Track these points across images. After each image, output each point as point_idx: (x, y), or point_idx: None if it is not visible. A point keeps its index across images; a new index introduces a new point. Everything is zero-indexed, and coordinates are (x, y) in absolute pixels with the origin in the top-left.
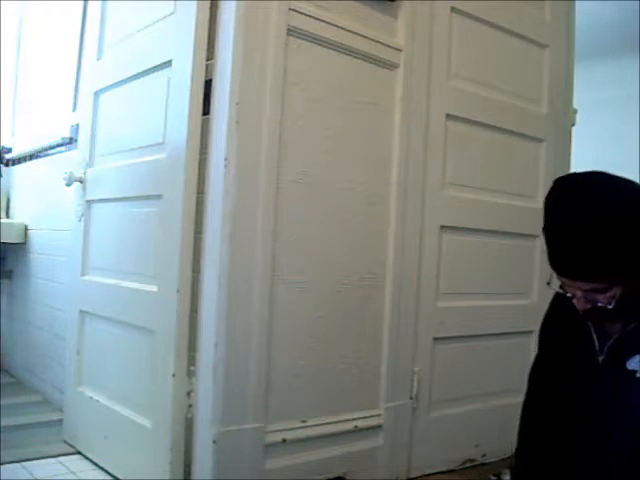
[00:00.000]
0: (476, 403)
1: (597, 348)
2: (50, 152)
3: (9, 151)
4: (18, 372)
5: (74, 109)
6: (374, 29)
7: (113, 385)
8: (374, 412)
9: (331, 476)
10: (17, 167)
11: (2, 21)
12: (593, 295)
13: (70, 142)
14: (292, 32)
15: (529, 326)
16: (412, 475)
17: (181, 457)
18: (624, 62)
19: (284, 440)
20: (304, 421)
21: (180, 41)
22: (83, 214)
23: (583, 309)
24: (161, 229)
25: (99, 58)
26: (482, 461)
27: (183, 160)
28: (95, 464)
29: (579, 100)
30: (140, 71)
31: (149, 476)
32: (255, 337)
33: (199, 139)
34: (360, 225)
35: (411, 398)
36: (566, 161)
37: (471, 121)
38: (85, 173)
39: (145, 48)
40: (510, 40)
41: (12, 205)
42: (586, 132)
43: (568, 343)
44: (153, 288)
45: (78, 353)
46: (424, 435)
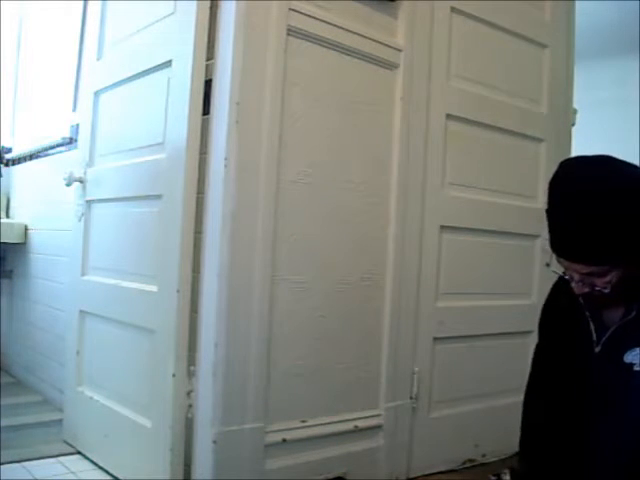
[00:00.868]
0: (476, 403)
1: (594, 339)
2: (50, 152)
3: (9, 151)
4: (18, 372)
5: (74, 109)
6: (374, 29)
7: (113, 385)
8: (374, 412)
9: (331, 476)
10: (17, 167)
11: (2, 21)
12: (591, 279)
13: (70, 142)
14: (292, 32)
15: (529, 326)
16: (412, 475)
17: (181, 457)
18: (624, 62)
19: (284, 440)
20: (304, 421)
21: (180, 41)
22: (83, 214)
23: (581, 292)
24: (161, 229)
25: (99, 58)
26: (482, 461)
27: (183, 160)
28: (95, 464)
29: (579, 100)
30: (140, 71)
31: (149, 476)
32: (255, 337)
33: (199, 139)
34: (360, 225)
35: (411, 398)
36: None
37: (471, 121)
38: (85, 173)
39: (145, 48)
40: (510, 40)
41: (12, 205)
42: (586, 132)
43: (566, 332)
44: (153, 288)
45: (78, 353)
46: (424, 435)
